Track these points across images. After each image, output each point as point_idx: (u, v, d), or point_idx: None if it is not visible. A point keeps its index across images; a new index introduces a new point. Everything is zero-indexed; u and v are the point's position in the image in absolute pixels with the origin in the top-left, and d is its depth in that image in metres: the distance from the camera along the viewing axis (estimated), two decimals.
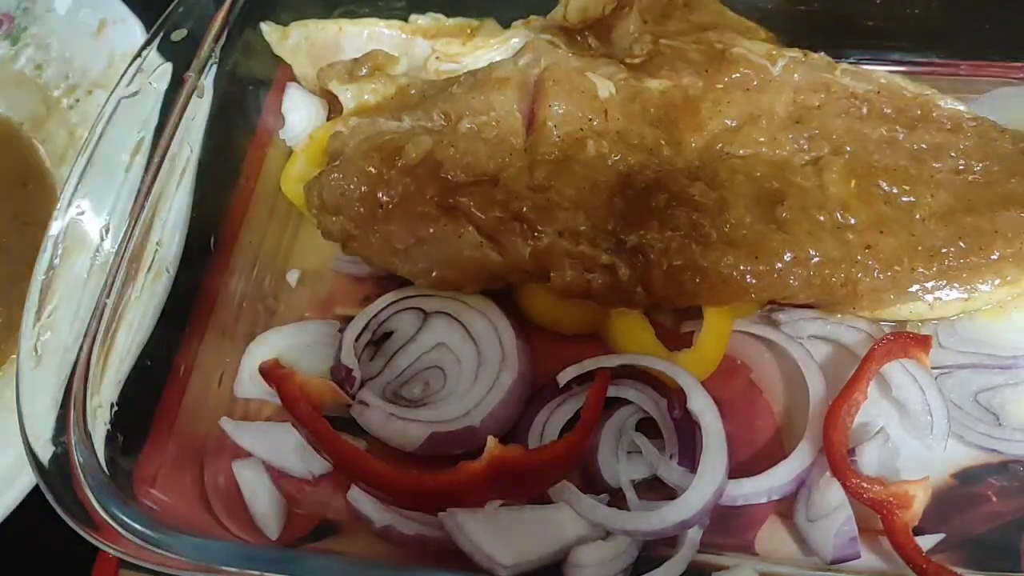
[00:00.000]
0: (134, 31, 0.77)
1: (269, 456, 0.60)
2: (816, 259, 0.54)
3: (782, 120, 0.60)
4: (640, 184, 0.57)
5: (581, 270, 0.55)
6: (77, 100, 0.81)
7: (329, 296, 0.69)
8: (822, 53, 0.66)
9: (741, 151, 0.59)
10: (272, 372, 0.59)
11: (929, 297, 0.57)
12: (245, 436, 0.60)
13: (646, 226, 0.55)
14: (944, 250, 0.56)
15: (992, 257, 0.56)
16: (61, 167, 0.79)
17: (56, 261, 0.57)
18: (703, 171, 0.57)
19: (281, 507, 0.58)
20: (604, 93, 0.60)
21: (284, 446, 0.59)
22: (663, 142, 0.59)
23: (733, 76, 0.63)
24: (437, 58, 0.72)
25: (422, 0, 0.75)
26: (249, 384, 0.63)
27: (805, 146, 0.59)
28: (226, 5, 0.69)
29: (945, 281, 0.57)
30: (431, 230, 0.57)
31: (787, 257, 0.54)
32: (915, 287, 0.57)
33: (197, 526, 0.55)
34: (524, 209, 0.56)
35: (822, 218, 0.55)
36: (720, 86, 0.62)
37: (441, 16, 0.75)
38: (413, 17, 0.74)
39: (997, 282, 0.57)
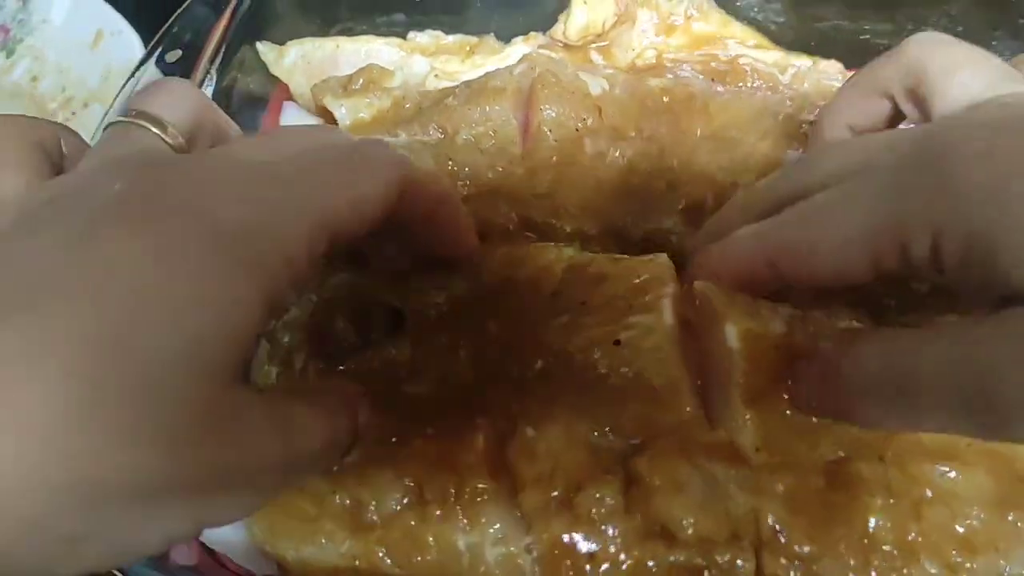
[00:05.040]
0: (131, 43, 0.76)
1: None
2: None
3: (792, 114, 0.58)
4: (644, 172, 0.55)
5: None
6: (73, 113, 0.80)
7: None
8: (832, 60, 0.65)
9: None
10: None
11: None
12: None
13: (653, 217, 0.52)
14: None
15: None
16: None
17: None
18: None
19: None
20: (596, 90, 0.58)
21: None
22: (664, 131, 0.57)
23: (739, 85, 0.61)
24: (436, 76, 0.70)
25: (421, 18, 0.74)
26: None
27: None
28: (222, 24, 0.68)
29: None
30: None
31: None
32: None
33: None
34: (531, 216, 0.54)
35: None
36: (724, 90, 0.60)
37: (440, 34, 0.73)
38: (411, 35, 0.73)
39: None
